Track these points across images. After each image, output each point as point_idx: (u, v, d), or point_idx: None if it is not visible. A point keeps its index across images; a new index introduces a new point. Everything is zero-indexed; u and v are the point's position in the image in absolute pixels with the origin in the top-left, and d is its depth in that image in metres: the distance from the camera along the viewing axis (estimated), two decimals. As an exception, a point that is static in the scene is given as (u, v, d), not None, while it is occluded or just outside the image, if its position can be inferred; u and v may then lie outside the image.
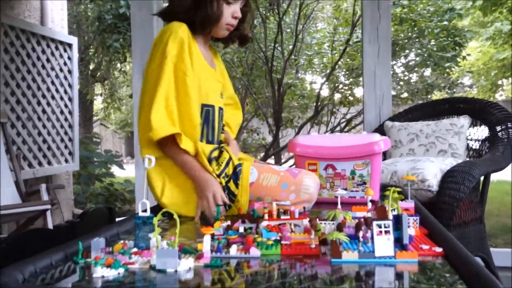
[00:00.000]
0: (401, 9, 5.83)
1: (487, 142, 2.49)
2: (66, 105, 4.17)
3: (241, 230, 1.08)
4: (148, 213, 0.99)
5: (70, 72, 4.23)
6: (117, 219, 1.72)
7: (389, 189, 1.02)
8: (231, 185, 1.42)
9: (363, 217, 0.97)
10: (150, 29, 3.05)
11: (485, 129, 2.53)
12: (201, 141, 1.47)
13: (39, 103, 3.83)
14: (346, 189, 1.59)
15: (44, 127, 3.87)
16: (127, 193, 5.90)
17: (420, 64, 6.50)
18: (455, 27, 6.25)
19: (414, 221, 1.10)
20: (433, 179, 2.09)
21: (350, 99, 6.36)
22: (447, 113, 2.72)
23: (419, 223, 1.11)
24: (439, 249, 0.93)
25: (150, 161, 1.03)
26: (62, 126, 4.11)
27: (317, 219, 1.06)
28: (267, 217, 1.11)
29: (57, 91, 4.05)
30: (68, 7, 4.87)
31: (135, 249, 0.95)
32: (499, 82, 11.72)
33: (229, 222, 1.13)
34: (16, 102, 3.58)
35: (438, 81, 6.91)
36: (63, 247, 0.95)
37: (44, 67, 3.89)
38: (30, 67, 3.72)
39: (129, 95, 9.02)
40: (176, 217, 0.89)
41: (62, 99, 4.12)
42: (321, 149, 1.62)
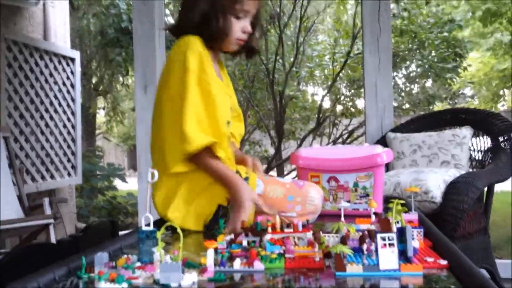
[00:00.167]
0: (401, 21, 5.86)
1: (490, 152, 2.49)
2: (68, 119, 4.18)
3: (245, 243, 1.07)
4: (151, 227, 0.98)
5: (72, 86, 4.25)
6: (120, 233, 1.71)
7: (392, 201, 1.02)
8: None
9: (367, 230, 0.97)
10: (152, 43, 3.08)
11: (487, 140, 2.53)
12: None
13: (42, 117, 3.85)
14: (349, 201, 1.59)
15: (47, 141, 3.89)
16: (129, 206, 5.89)
17: (421, 75, 6.52)
18: (455, 38, 6.28)
19: (418, 233, 1.10)
20: (436, 190, 2.08)
21: (351, 110, 6.38)
22: (449, 124, 2.73)
23: (423, 235, 1.11)
24: (444, 262, 0.93)
25: (153, 175, 1.03)
26: (64, 139, 4.12)
27: (321, 232, 1.06)
28: (270, 230, 1.10)
29: (60, 105, 4.07)
30: (70, 21, 4.91)
31: (138, 264, 0.95)
32: (500, 92, 11.73)
33: (232, 235, 1.13)
34: (19, 116, 3.59)
35: (439, 92, 6.93)
36: (66, 261, 0.95)
37: (47, 81, 3.91)
38: (33, 82, 3.75)
39: (132, 108, 9.06)
40: (179, 231, 0.88)
41: (65, 113, 4.14)
42: (323, 161, 1.62)
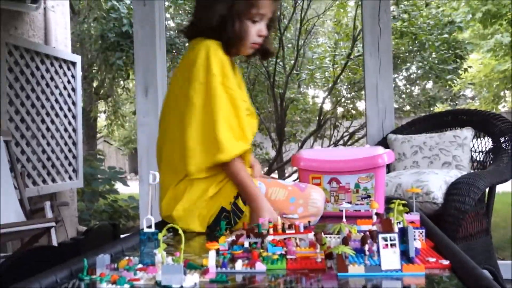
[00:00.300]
0: (401, 23, 5.87)
1: (491, 153, 2.48)
2: (70, 123, 4.19)
3: (246, 245, 1.07)
4: (153, 229, 0.99)
5: (73, 90, 4.26)
6: (122, 236, 1.71)
7: (394, 202, 1.02)
8: (238, 202, 1.42)
9: (369, 231, 0.97)
10: (152, 47, 3.08)
11: (488, 141, 2.53)
12: None
13: (43, 121, 3.85)
14: (350, 203, 1.59)
15: (48, 144, 3.89)
16: (131, 209, 5.89)
17: (421, 77, 6.53)
18: (456, 40, 6.28)
19: (420, 233, 1.10)
20: (438, 191, 2.08)
21: (352, 112, 6.38)
22: (450, 125, 2.72)
23: (425, 235, 1.10)
24: (446, 262, 0.92)
25: (154, 177, 1.03)
26: (66, 143, 4.13)
27: (322, 233, 1.06)
28: (272, 231, 1.10)
29: (61, 109, 4.08)
30: (71, 26, 4.93)
31: (140, 265, 0.95)
32: (501, 93, 11.73)
33: (234, 237, 1.13)
34: (20, 120, 3.60)
35: (440, 93, 6.93)
36: (68, 264, 0.95)
37: (48, 85, 3.92)
38: (34, 86, 3.76)
39: (133, 112, 9.07)
40: (181, 232, 0.88)
41: (66, 116, 4.14)
42: (325, 163, 1.62)
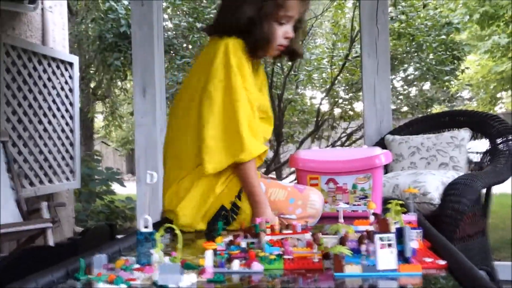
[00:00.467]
0: (399, 24, 5.87)
1: (488, 154, 2.49)
2: (67, 123, 4.18)
3: (243, 245, 1.07)
4: (150, 229, 0.98)
5: (71, 90, 4.25)
6: (118, 237, 1.71)
7: (391, 202, 1.02)
8: (236, 200, 1.42)
9: (366, 231, 0.97)
10: (150, 48, 3.08)
11: (485, 142, 2.53)
12: None
13: (40, 122, 3.84)
14: (348, 203, 1.59)
15: (45, 145, 3.88)
16: (128, 210, 5.88)
17: (419, 78, 6.53)
18: (453, 41, 6.29)
19: (417, 234, 1.10)
20: (435, 192, 2.08)
21: (350, 113, 6.38)
22: (447, 126, 2.73)
23: (422, 236, 1.11)
24: (443, 262, 0.93)
25: (151, 177, 1.03)
26: (63, 144, 4.12)
27: (320, 233, 1.06)
28: (269, 231, 1.10)
29: (58, 109, 4.07)
30: (69, 26, 4.92)
31: (137, 265, 0.95)
32: (498, 95, 11.76)
33: (231, 237, 1.13)
34: (17, 120, 3.59)
35: (437, 94, 6.93)
36: (65, 264, 0.95)
37: (45, 86, 3.91)
38: (31, 86, 3.75)
39: (130, 113, 9.05)
40: (178, 232, 0.88)
41: (63, 117, 4.14)
42: (322, 163, 1.62)
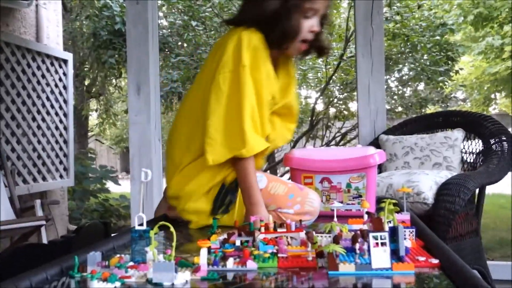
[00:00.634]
0: (394, 24, 5.90)
1: (482, 155, 2.51)
2: (61, 121, 4.17)
3: (238, 243, 1.07)
4: (144, 227, 0.98)
5: (65, 88, 4.24)
6: (113, 235, 1.71)
7: (384, 201, 1.02)
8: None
9: (360, 230, 0.97)
10: (145, 45, 3.07)
11: (479, 142, 2.55)
12: None
13: (34, 119, 3.83)
14: (342, 202, 1.59)
15: (39, 142, 3.86)
16: (122, 208, 5.86)
17: (413, 78, 6.56)
18: (447, 42, 6.32)
19: (410, 233, 1.10)
20: (428, 191, 2.09)
21: (344, 113, 6.40)
22: (441, 126, 2.74)
23: (415, 235, 1.11)
24: (436, 261, 0.93)
25: (146, 174, 1.03)
26: (57, 141, 4.10)
27: (314, 232, 1.06)
28: (263, 230, 1.11)
29: (52, 106, 4.06)
30: (63, 23, 4.90)
31: (131, 263, 0.95)
32: (492, 96, 11.83)
33: (225, 235, 1.13)
34: (11, 117, 3.57)
35: (431, 95, 6.97)
36: (59, 261, 0.94)
37: (39, 83, 3.89)
38: (25, 83, 3.73)
39: (124, 111, 9.03)
40: (172, 230, 0.88)
41: (57, 114, 4.12)
42: (316, 162, 1.62)
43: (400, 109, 6.85)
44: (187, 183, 1.43)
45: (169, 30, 6.29)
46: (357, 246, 0.94)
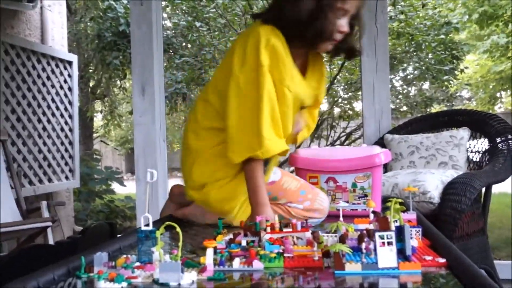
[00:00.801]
0: (398, 24, 5.88)
1: (488, 154, 2.49)
2: (66, 122, 4.18)
3: (244, 243, 1.07)
4: (150, 227, 0.99)
5: (70, 89, 4.25)
6: (118, 236, 1.71)
7: (390, 200, 1.02)
8: None
9: (366, 229, 0.97)
10: (149, 47, 3.08)
11: (485, 141, 2.54)
12: None
13: (39, 121, 3.84)
14: (347, 202, 1.59)
15: (44, 144, 3.88)
16: (127, 209, 5.87)
17: (418, 77, 6.53)
18: (452, 41, 6.29)
19: (416, 232, 1.10)
20: (434, 191, 2.09)
21: (349, 113, 6.38)
22: (446, 125, 2.73)
23: (422, 234, 1.11)
24: (442, 260, 0.93)
25: (152, 175, 1.03)
26: (62, 143, 4.12)
27: (320, 232, 1.06)
28: (269, 230, 1.11)
29: (58, 108, 4.07)
30: (68, 25, 4.92)
31: (138, 263, 0.95)
32: (497, 94, 11.78)
33: (231, 235, 1.13)
34: (16, 119, 3.59)
35: (436, 94, 6.94)
36: (66, 262, 0.95)
37: (44, 84, 3.91)
38: (30, 85, 3.74)
39: (129, 112, 9.04)
40: (178, 230, 0.88)
41: (62, 116, 4.13)
42: (322, 162, 1.62)
43: (405, 108, 6.82)
44: (214, 170, 1.44)
45: (173, 31, 6.29)
46: (363, 245, 0.93)
